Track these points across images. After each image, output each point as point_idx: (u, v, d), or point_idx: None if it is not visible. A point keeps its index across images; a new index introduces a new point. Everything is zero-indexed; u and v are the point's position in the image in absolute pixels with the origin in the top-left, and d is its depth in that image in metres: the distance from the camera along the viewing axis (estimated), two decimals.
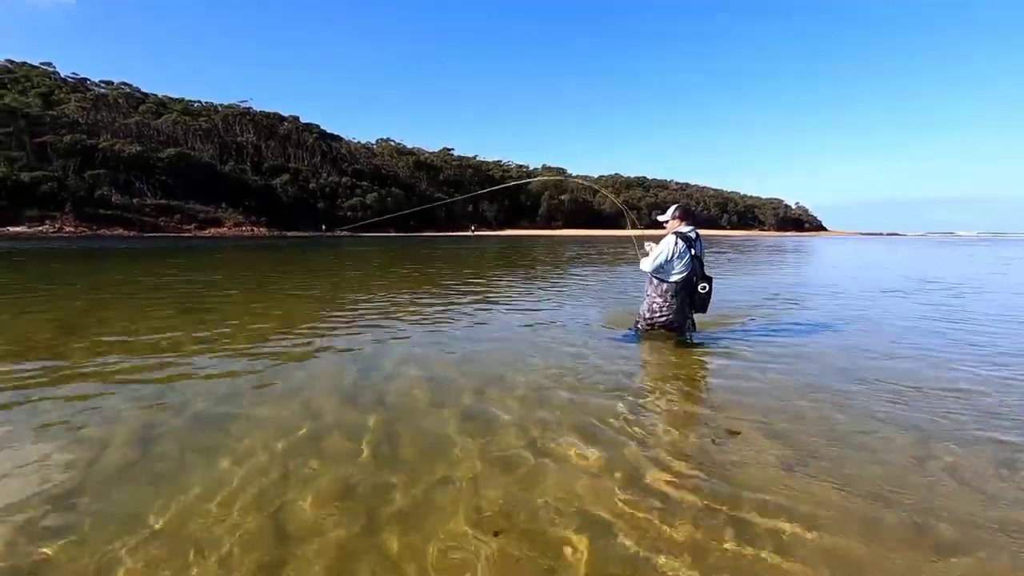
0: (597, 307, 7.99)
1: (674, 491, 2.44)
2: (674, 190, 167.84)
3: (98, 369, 4.43)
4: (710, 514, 2.25)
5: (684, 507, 2.31)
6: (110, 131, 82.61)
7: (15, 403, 3.57)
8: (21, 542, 2.05)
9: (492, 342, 5.63)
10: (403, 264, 18.23)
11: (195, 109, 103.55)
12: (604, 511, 2.28)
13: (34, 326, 6.33)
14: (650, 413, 3.49)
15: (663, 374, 4.46)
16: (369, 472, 2.61)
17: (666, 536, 2.10)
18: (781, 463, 2.72)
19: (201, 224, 77.02)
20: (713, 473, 2.63)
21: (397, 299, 8.94)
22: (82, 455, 2.78)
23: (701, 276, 5.25)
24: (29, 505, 2.29)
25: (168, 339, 5.62)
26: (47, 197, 66.09)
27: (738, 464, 2.72)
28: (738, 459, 2.78)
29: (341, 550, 2.01)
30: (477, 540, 2.06)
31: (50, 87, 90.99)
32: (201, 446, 2.92)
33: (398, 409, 3.52)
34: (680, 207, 5.45)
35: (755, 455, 2.83)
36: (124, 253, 24.72)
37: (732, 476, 2.59)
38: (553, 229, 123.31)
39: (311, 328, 6.33)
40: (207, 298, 9.07)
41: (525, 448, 2.90)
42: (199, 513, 2.24)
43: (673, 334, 5.50)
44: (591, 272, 14.81)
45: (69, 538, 2.07)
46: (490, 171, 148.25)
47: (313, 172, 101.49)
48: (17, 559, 1.95)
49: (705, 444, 3.00)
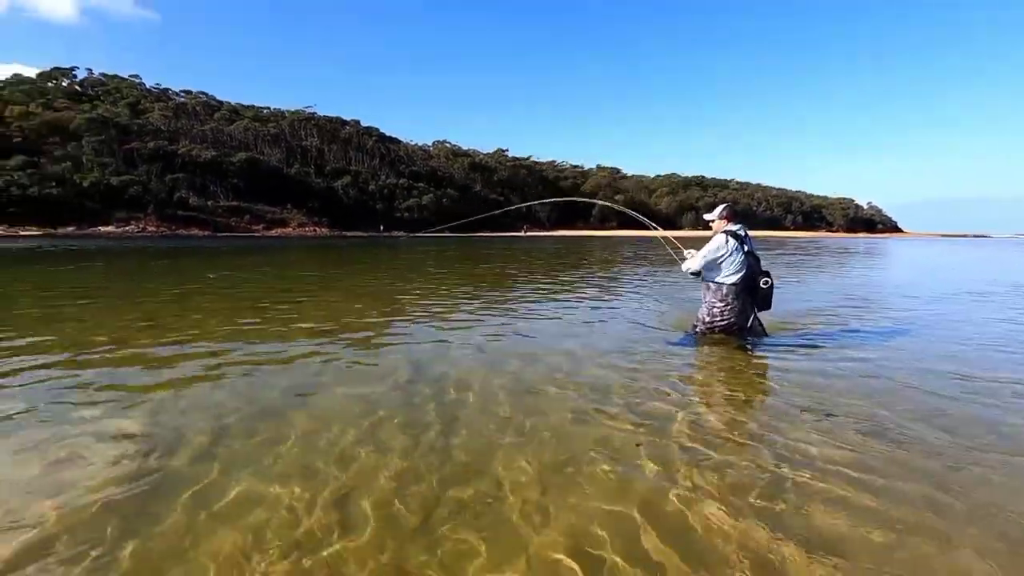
0: (653, 310, 7.79)
1: (726, 526, 2.30)
2: (734, 190, 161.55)
3: (179, 357, 4.71)
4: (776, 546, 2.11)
5: (734, 544, 2.17)
6: (188, 137, 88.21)
7: (109, 386, 3.84)
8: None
9: (540, 346, 5.56)
10: (469, 263, 18.49)
11: (264, 115, 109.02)
12: (651, 534, 2.18)
13: (127, 318, 6.82)
14: (703, 422, 3.33)
15: (720, 379, 4.26)
16: (426, 460, 2.62)
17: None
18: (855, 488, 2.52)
19: (268, 224, 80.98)
20: (771, 510, 2.45)
21: (472, 295, 9.05)
22: (161, 436, 2.94)
23: (759, 271, 5.05)
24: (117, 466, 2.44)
25: (243, 330, 5.90)
26: (133, 200, 71.46)
27: (805, 495, 2.54)
28: (805, 481, 2.59)
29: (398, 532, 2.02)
30: (526, 537, 2.02)
31: (137, 97, 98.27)
32: (269, 432, 3.03)
33: (453, 406, 3.52)
34: (727, 206, 5.30)
35: (822, 484, 2.63)
36: (201, 252, 26.36)
37: (798, 521, 2.39)
38: (607, 230, 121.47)
39: (380, 323, 6.49)
40: (296, 293, 9.49)
41: (567, 457, 2.83)
42: (264, 496, 2.32)
43: (734, 338, 5.27)
44: (647, 273, 14.48)
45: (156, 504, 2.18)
46: (544, 171, 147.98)
47: (372, 174, 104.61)
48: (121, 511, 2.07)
49: (767, 465, 2.82)
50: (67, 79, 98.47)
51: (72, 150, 73.35)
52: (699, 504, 2.29)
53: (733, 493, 2.38)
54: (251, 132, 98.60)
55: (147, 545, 1.99)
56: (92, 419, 3.22)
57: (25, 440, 2.91)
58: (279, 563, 1.90)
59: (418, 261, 20.41)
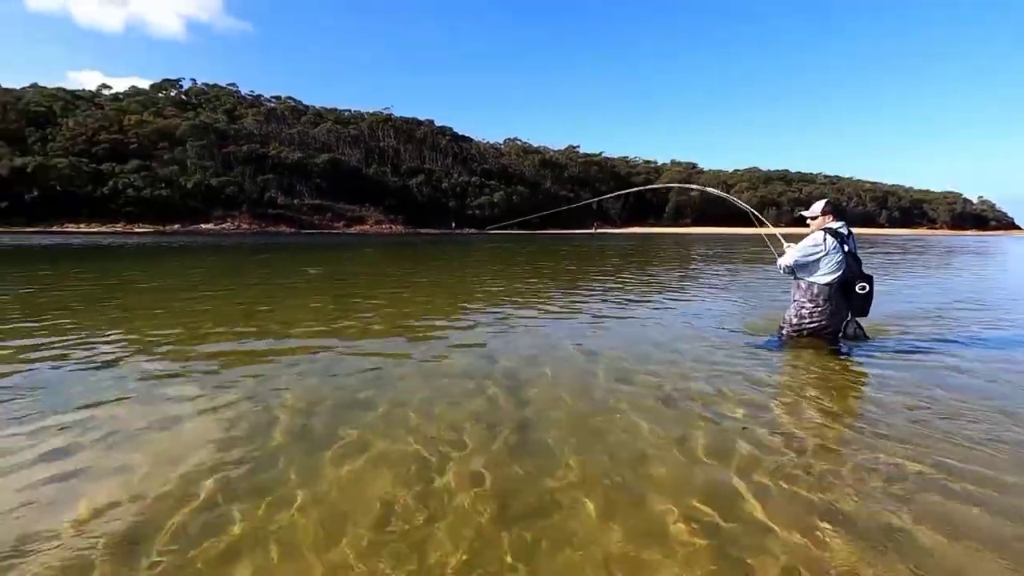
0: (734, 310, 7.45)
1: (823, 547, 2.15)
2: (822, 184, 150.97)
3: (272, 347, 5.05)
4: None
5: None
6: (278, 140, 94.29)
7: (208, 372, 4.19)
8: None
9: (616, 346, 5.46)
10: (544, 260, 18.55)
11: (345, 118, 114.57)
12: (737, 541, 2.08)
13: (227, 309, 7.41)
14: (789, 429, 3.13)
15: (808, 384, 3.97)
16: (503, 458, 2.66)
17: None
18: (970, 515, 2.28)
19: (348, 222, 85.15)
20: (868, 534, 2.28)
21: (548, 291, 9.10)
22: (257, 420, 3.16)
23: (859, 275, 4.69)
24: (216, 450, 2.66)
25: (337, 324, 6.24)
26: (229, 199, 77.54)
27: (907, 518, 2.33)
28: (903, 496, 2.37)
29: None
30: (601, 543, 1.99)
31: (233, 104, 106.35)
32: (352, 419, 3.18)
33: (536, 403, 3.53)
34: (829, 202, 4.95)
35: (921, 508, 2.40)
36: (291, 247, 28.09)
37: (902, 538, 2.20)
38: (681, 227, 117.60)
39: (471, 316, 6.66)
40: (386, 287, 9.95)
41: (639, 464, 2.75)
42: (347, 477, 2.44)
43: (825, 342, 4.94)
44: (727, 272, 13.88)
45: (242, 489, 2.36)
46: (615, 167, 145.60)
47: (445, 172, 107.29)
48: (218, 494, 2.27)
49: (861, 479, 2.61)
50: (175, 89, 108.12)
51: (178, 154, 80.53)
52: (783, 519, 2.16)
53: (822, 513, 2.22)
54: (333, 134, 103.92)
55: (257, 511, 2.15)
56: (205, 395, 3.51)
57: (149, 413, 3.22)
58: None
59: (494, 258, 20.68)
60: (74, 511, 2.22)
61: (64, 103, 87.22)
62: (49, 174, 68.13)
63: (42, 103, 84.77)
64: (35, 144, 74.79)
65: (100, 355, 4.77)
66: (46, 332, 5.68)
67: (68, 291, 9.38)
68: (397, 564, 1.91)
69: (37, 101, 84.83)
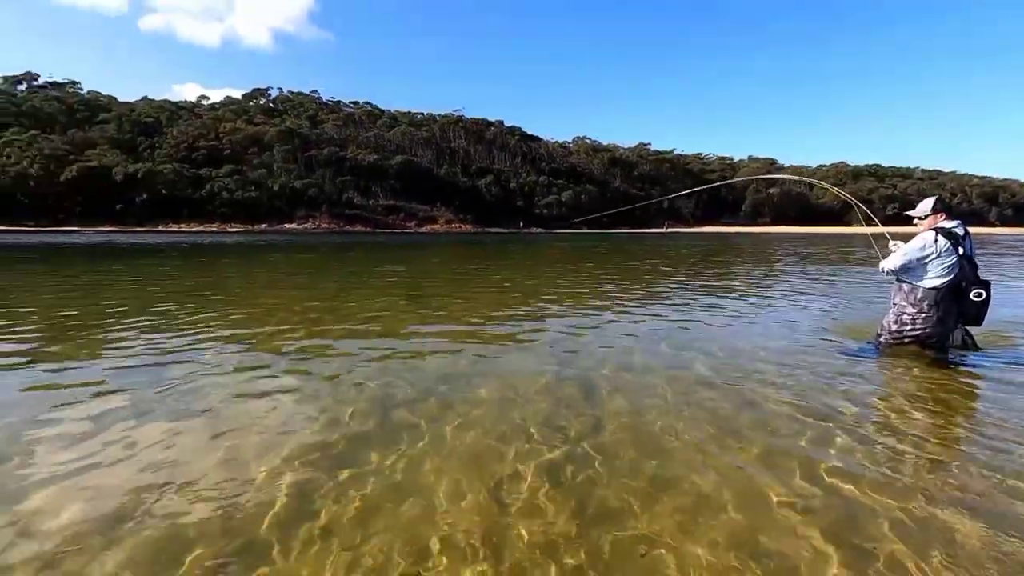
0: (824, 314, 6.96)
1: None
2: (919, 179, 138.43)
3: (347, 341, 5.26)
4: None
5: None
6: (355, 143, 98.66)
7: (297, 361, 4.42)
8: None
9: (701, 349, 5.24)
10: (617, 259, 18.31)
11: (418, 120, 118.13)
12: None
13: (302, 303, 7.82)
14: (886, 451, 2.85)
15: (907, 397, 3.59)
16: (575, 454, 2.61)
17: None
18: None
19: (420, 221, 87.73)
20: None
21: (625, 292, 8.96)
22: (333, 413, 3.29)
23: (974, 280, 4.22)
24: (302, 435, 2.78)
25: (403, 322, 6.43)
26: (311, 200, 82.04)
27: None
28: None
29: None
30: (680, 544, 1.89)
31: (315, 110, 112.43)
32: (428, 414, 3.24)
33: (617, 404, 3.45)
34: (940, 199, 4.46)
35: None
36: (372, 246, 29.29)
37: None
38: (759, 226, 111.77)
39: (548, 315, 6.68)
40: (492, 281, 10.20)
41: (722, 479, 2.59)
42: (423, 474, 2.47)
43: (929, 351, 4.50)
44: (815, 274, 13.03)
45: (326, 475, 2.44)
46: (688, 164, 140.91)
47: (513, 172, 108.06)
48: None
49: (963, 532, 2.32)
50: (263, 98, 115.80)
51: (266, 159, 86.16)
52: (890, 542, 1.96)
53: (936, 532, 1.99)
54: (407, 136, 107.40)
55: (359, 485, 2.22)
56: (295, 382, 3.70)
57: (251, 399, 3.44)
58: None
59: (564, 257, 20.58)
60: (179, 486, 2.39)
61: (169, 113, 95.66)
62: (156, 179, 74.94)
63: (151, 114, 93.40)
64: (144, 151, 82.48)
65: (212, 345, 5.15)
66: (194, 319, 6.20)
67: (215, 279, 10.23)
68: (474, 559, 1.91)
69: (147, 112, 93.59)
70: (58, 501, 2.29)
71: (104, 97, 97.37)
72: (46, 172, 71.26)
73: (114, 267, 14.64)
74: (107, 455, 2.73)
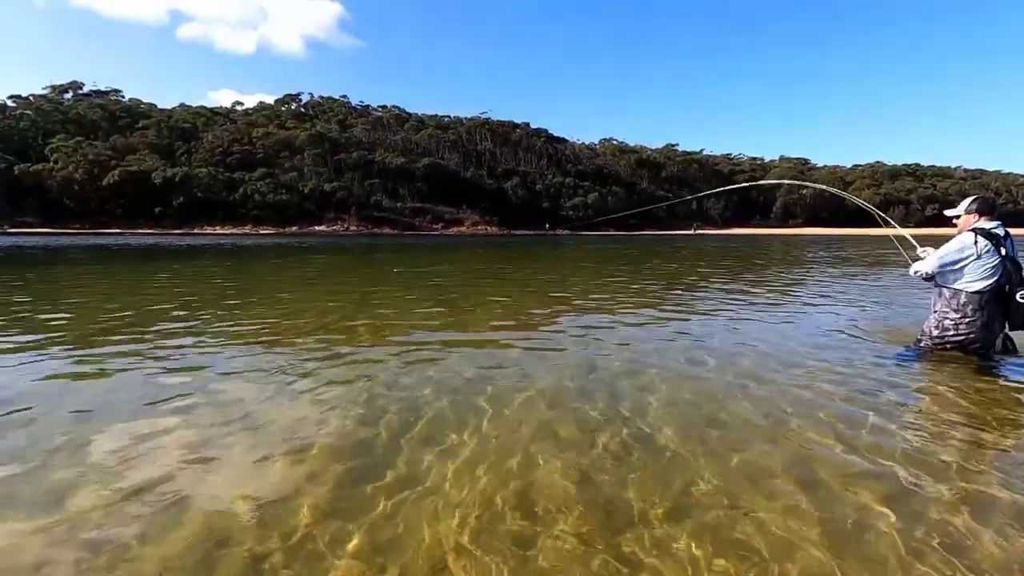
0: (860, 318, 6.66)
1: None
2: (960, 179, 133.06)
3: (372, 344, 5.28)
4: None
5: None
6: (383, 147, 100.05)
7: (325, 359, 4.45)
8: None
9: (735, 353, 5.09)
10: (651, 260, 18.12)
11: (445, 123, 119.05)
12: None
13: (328, 306, 7.91)
14: (930, 460, 2.69)
15: (950, 405, 3.38)
16: (598, 456, 2.54)
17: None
18: None
19: (447, 223, 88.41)
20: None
21: (660, 294, 8.85)
22: (367, 414, 3.29)
23: (1020, 282, 3.98)
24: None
25: (430, 322, 6.44)
26: (340, 203, 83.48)
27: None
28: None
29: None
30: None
31: (344, 114, 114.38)
32: (456, 416, 3.21)
33: (649, 408, 3.37)
34: (980, 199, 4.22)
35: None
36: (407, 247, 29.60)
37: None
38: (790, 228, 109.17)
39: (566, 314, 6.62)
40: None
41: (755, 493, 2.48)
42: (450, 471, 2.44)
43: (973, 356, 4.25)
44: (850, 276, 12.62)
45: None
46: (717, 165, 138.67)
47: (540, 174, 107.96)
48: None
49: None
50: (295, 103, 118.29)
51: (297, 162, 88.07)
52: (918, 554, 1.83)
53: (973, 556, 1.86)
54: (434, 139, 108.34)
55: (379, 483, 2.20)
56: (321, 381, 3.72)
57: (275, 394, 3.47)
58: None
59: (596, 260, 20.43)
60: (210, 484, 2.40)
61: (205, 119, 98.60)
62: (192, 182, 77.28)
63: (188, 120, 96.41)
64: (181, 156, 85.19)
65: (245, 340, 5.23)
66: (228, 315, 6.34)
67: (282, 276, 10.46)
68: (502, 560, 1.86)
69: (184, 119, 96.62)
70: (99, 497, 2.29)
71: (144, 104, 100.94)
72: (90, 176, 74.27)
73: (173, 266, 15.09)
74: (146, 448, 2.77)
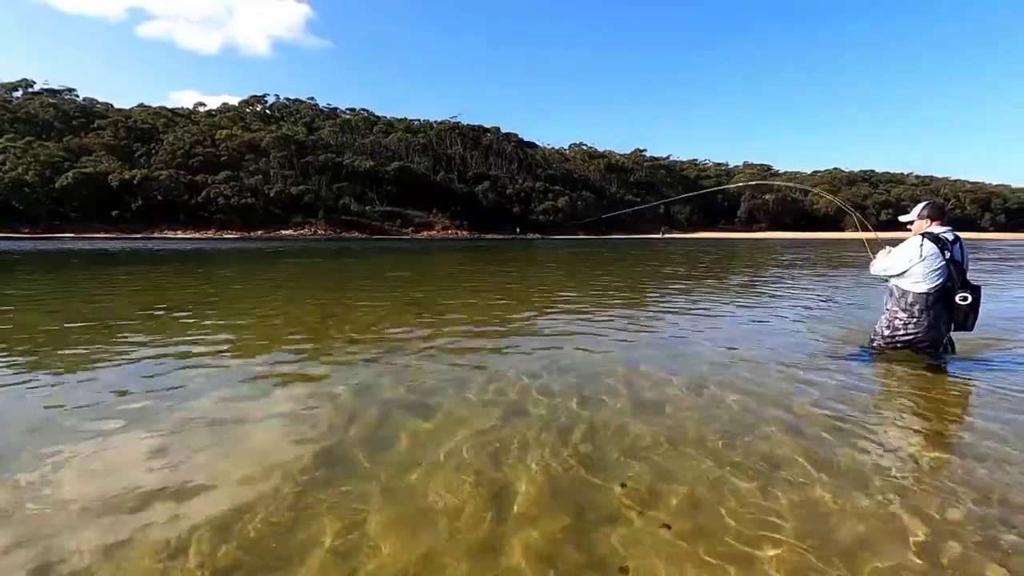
0: (819, 320, 7.03)
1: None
2: (912, 185, 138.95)
3: (346, 345, 5.30)
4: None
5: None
6: (352, 150, 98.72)
7: (294, 373, 4.47)
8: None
9: (693, 353, 5.31)
10: (616, 265, 18.41)
11: (415, 127, 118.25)
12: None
13: (303, 311, 7.86)
14: (882, 456, 2.93)
15: (902, 404, 3.67)
16: (568, 457, 2.67)
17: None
18: None
19: (416, 228, 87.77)
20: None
21: (628, 297, 9.03)
22: (329, 418, 3.34)
23: (962, 284, 4.30)
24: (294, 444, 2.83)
25: (401, 326, 6.48)
26: (307, 206, 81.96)
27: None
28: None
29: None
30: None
31: (312, 117, 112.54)
32: (418, 420, 3.29)
33: (605, 412, 3.52)
34: (930, 204, 4.56)
35: None
36: (361, 253, 29.24)
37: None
38: (754, 232, 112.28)
39: (535, 316, 6.73)
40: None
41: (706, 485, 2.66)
42: (417, 476, 2.53)
43: (922, 356, 4.58)
44: (810, 279, 13.15)
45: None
46: (684, 170, 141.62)
47: (510, 178, 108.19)
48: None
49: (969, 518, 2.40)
50: (260, 104, 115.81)
51: (262, 165, 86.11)
52: (870, 543, 2.03)
53: (919, 537, 2.07)
54: (403, 143, 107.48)
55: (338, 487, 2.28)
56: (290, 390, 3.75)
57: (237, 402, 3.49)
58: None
59: (568, 264, 20.67)
60: (171, 498, 2.44)
61: (166, 120, 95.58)
62: (152, 185, 74.79)
63: (147, 121, 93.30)
64: (140, 158, 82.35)
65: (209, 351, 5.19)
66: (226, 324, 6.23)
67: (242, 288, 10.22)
68: (470, 566, 1.96)
69: (143, 119, 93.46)
70: (56, 509, 2.33)
71: (100, 104, 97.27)
72: (41, 179, 71.11)
73: (127, 274, 14.63)
74: (106, 459, 2.78)
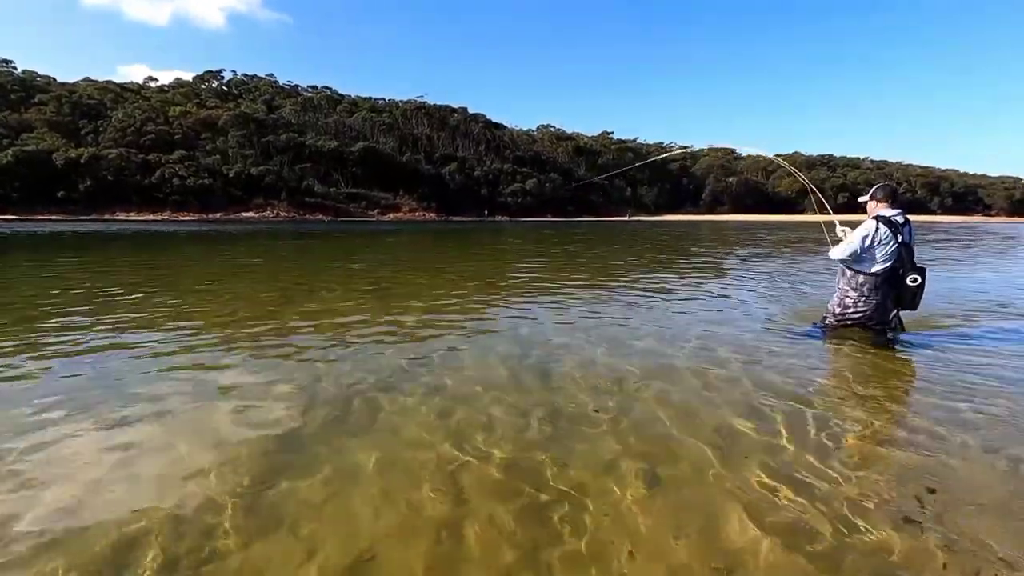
0: (776, 300, 7.20)
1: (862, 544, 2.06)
2: (867, 169, 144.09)
3: (304, 330, 5.15)
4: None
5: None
6: (314, 129, 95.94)
7: (249, 356, 4.30)
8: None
9: (649, 332, 5.36)
10: (583, 248, 18.46)
11: (380, 106, 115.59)
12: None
13: (263, 295, 7.61)
14: (831, 425, 3.00)
15: (851, 377, 3.78)
16: (528, 442, 2.64)
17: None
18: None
19: (383, 210, 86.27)
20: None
21: (579, 278, 9.04)
22: (296, 403, 3.23)
23: (911, 267, 4.42)
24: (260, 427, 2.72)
25: (361, 312, 6.34)
26: (269, 188, 79.42)
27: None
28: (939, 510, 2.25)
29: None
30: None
31: (272, 94, 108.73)
32: (386, 402, 3.21)
33: (567, 390, 3.50)
34: (882, 187, 4.65)
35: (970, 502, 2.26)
36: (344, 235, 28.60)
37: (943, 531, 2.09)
38: (718, 214, 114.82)
39: (497, 302, 6.66)
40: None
41: (668, 462, 2.68)
42: (378, 459, 2.46)
43: (869, 333, 4.72)
44: (767, 260, 13.48)
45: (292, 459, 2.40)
46: (650, 153, 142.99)
47: (478, 160, 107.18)
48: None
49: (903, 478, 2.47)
50: (216, 81, 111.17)
51: (220, 144, 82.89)
52: (821, 520, 2.07)
53: (867, 511, 2.13)
54: (368, 122, 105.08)
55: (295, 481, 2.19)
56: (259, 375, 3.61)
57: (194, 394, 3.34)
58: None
59: (540, 246, 20.65)
60: (132, 488, 2.31)
61: (114, 96, 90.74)
62: (101, 164, 71.13)
63: (94, 96, 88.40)
64: (87, 136, 78.16)
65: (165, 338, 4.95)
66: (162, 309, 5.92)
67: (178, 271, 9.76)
68: (428, 547, 1.92)
69: (89, 95, 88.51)
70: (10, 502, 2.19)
71: (41, 77, 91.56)
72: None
73: (78, 258, 13.88)
74: (53, 453, 2.62)
